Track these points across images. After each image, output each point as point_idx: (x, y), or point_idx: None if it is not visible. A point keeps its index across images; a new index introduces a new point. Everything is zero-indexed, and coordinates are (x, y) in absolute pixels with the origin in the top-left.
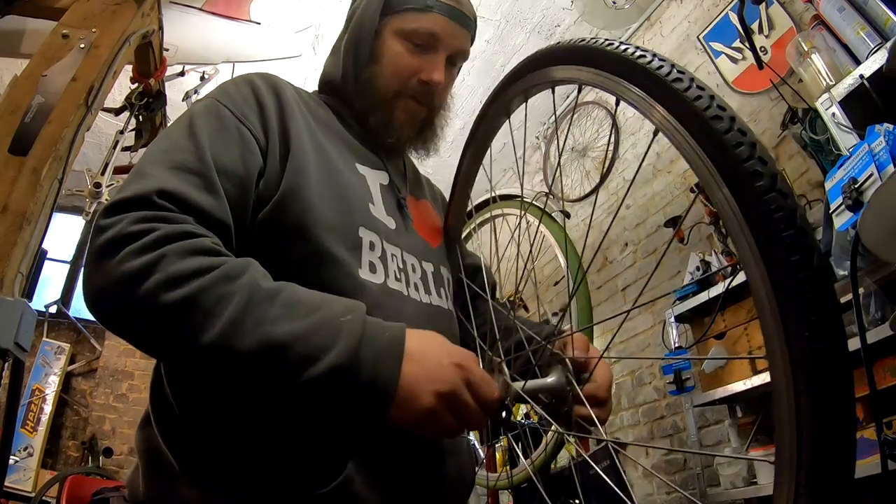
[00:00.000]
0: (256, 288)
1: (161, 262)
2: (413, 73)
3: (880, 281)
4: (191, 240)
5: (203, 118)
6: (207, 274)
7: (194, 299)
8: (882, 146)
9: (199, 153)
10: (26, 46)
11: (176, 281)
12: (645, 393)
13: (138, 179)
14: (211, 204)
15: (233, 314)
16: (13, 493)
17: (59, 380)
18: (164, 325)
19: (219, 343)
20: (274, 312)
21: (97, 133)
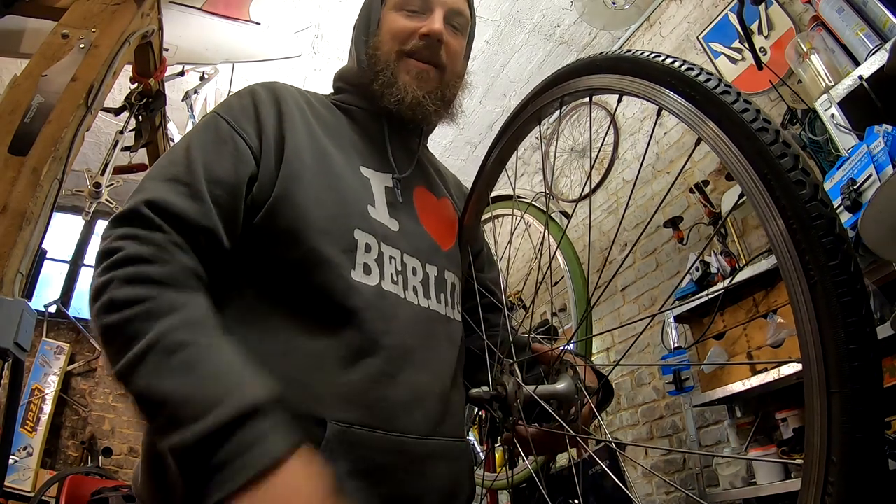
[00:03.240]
0: (167, 334)
1: (108, 287)
2: (411, 33)
3: (880, 281)
4: (138, 266)
5: (201, 132)
6: (136, 305)
7: (117, 329)
8: (881, 147)
9: (190, 165)
10: (26, 46)
11: (109, 307)
12: (644, 393)
13: (136, 194)
14: (194, 210)
15: (135, 354)
16: (12, 492)
17: (58, 379)
18: (102, 342)
19: (122, 376)
20: (167, 365)
21: (97, 133)
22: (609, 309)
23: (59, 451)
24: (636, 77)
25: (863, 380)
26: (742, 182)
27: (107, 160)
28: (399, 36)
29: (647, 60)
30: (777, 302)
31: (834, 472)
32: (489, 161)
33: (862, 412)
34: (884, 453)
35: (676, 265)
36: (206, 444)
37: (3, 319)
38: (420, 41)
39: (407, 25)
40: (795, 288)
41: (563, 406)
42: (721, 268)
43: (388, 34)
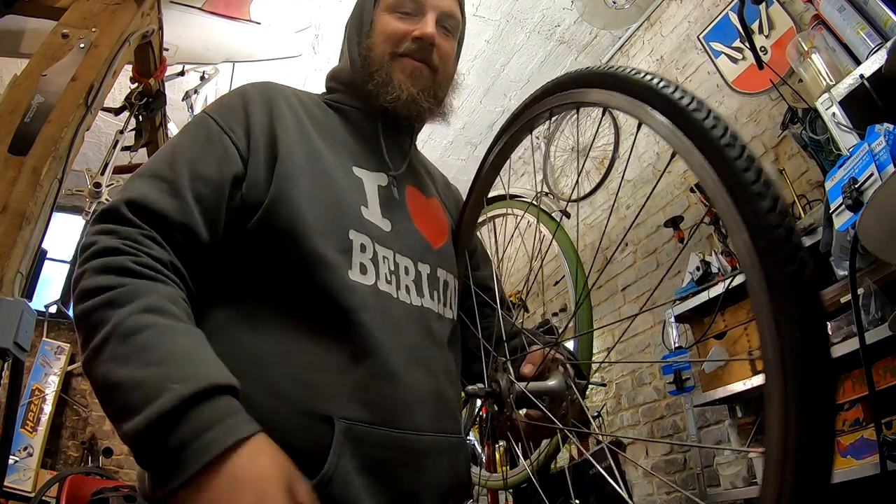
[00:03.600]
0: (124, 321)
1: (82, 278)
2: (404, 34)
3: (880, 281)
4: (109, 257)
5: (189, 132)
6: (103, 294)
7: (83, 318)
8: (882, 146)
9: (174, 162)
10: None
11: (84, 294)
12: (645, 393)
13: (121, 192)
14: (171, 206)
15: (98, 342)
16: (13, 492)
17: (58, 380)
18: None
19: (85, 368)
20: (122, 351)
21: (97, 133)
22: (609, 308)
23: (59, 452)
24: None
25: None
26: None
27: (107, 160)
28: (392, 38)
29: (630, 77)
30: None
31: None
32: (484, 167)
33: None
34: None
35: (677, 265)
36: (158, 428)
37: (3, 319)
38: (413, 44)
39: (400, 28)
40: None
41: (555, 401)
42: (721, 267)
43: (381, 36)
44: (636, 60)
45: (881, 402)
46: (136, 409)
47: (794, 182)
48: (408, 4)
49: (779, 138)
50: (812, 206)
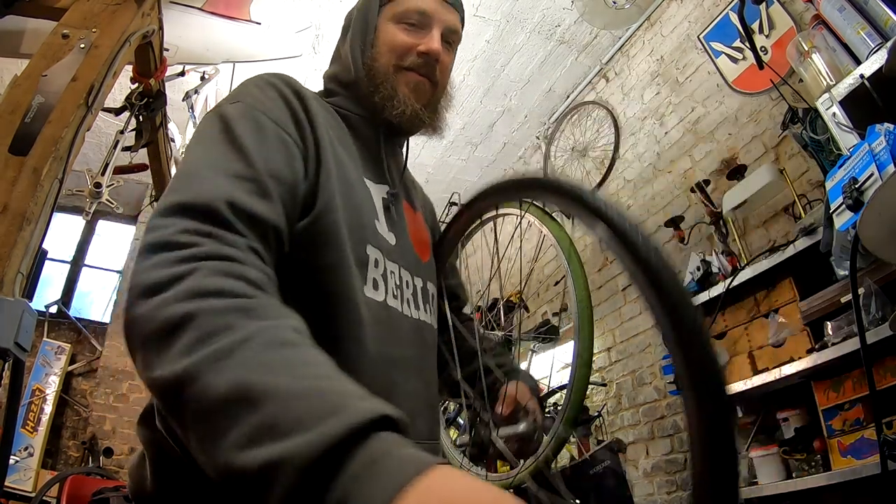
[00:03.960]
0: (269, 329)
1: (190, 276)
2: (410, 48)
3: (881, 281)
4: (228, 263)
5: (242, 123)
6: (227, 299)
7: (194, 318)
8: (882, 146)
9: (248, 158)
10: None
11: (190, 294)
12: (645, 393)
13: (194, 183)
14: (266, 210)
15: (223, 346)
16: (13, 492)
17: (59, 380)
18: (150, 341)
19: (188, 373)
20: (267, 358)
21: (97, 133)
22: (610, 308)
23: (59, 452)
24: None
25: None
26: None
27: (107, 160)
28: (398, 50)
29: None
30: (778, 301)
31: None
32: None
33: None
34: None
35: (677, 265)
36: (337, 450)
37: (4, 319)
38: (418, 58)
39: (406, 41)
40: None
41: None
42: (722, 267)
43: (387, 46)
44: (636, 60)
45: (882, 402)
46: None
47: (795, 182)
48: (414, 16)
49: (779, 138)
50: (812, 205)
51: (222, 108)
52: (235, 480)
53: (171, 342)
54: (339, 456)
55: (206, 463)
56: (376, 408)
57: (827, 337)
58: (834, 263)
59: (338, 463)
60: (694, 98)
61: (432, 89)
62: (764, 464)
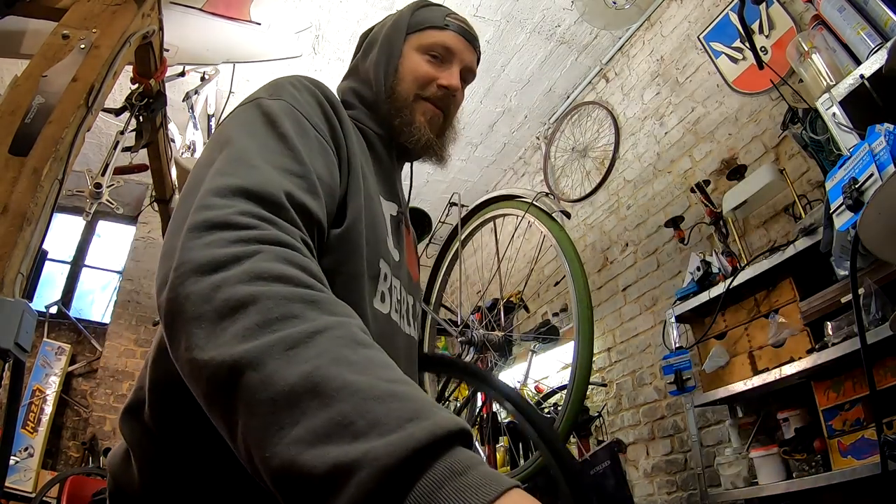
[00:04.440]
0: (341, 325)
1: (253, 257)
2: (431, 79)
3: (880, 281)
4: (291, 251)
5: (286, 121)
6: (294, 287)
7: (256, 301)
8: (882, 146)
9: (297, 156)
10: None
11: (251, 277)
12: (646, 393)
13: (251, 171)
14: (317, 207)
15: (293, 334)
16: (14, 493)
17: (59, 380)
18: (200, 320)
19: (251, 358)
20: (342, 354)
21: (97, 133)
22: (610, 308)
23: (60, 452)
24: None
25: None
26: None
27: (107, 161)
28: (420, 80)
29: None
30: (778, 302)
31: None
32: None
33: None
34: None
35: (678, 265)
36: (398, 474)
37: (4, 320)
38: (438, 90)
39: (429, 72)
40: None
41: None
42: (722, 267)
43: (411, 75)
44: (636, 61)
45: (882, 402)
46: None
47: (795, 182)
48: (439, 50)
49: (779, 138)
50: (812, 206)
51: (262, 101)
52: (295, 481)
53: (229, 324)
54: (421, 464)
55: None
56: (458, 420)
57: (827, 337)
58: (834, 263)
59: (418, 472)
60: (694, 98)
61: (444, 122)
62: (764, 464)
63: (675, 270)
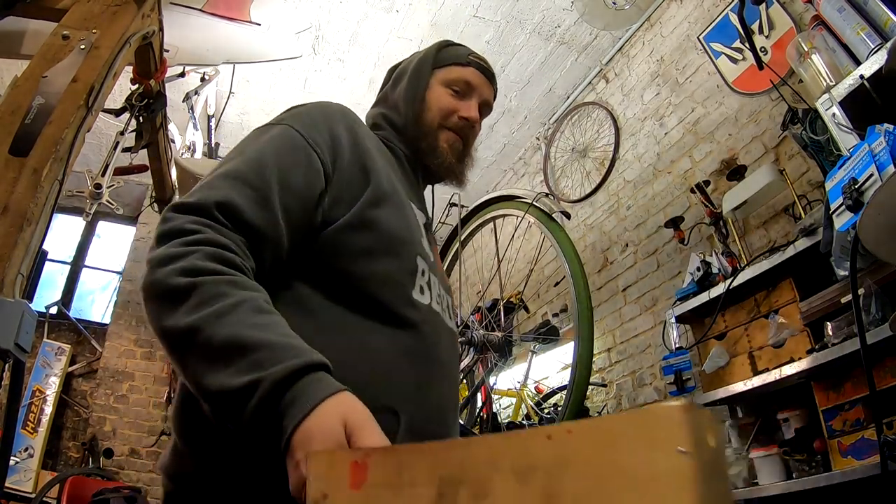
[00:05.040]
0: (252, 298)
1: (191, 255)
2: (454, 111)
3: (881, 281)
4: (223, 250)
5: (272, 140)
6: (219, 275)
7: (196, 288)
8: (882, 146)
9: (262, 170)
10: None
11: (191, 271)
12: (646, 393)
13: (206, 189)
14: (261, 218)
15: (221, 307)
16: (14, 493)
17: (59, 381)
18: (163, 300)
19: (197, 326)
20: (259, 320)
21: (97, 134)
22: (610, 309)
23: (60, 453)
24: None
25: None
26: None
27: (107, 161)
28: (444, 112)
29: None
30: (778, 302)
31: None
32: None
33: None
34: None
35: (678, 265)
36: (284, 383)
37: (4, 320)
38: (459, 121)
39: (452, 104)
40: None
41: None
42: (722, 268)
43: (436, 105)
44: (636, 61)
45: (882, 403)
46: (266, 365)
47: (795, 182)
48: (461, 85)
49: (779, 138)
50: (812, 206)
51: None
52: (223, 394)
53: (179, 303)
54: (297, 377)
55: (200, 387)
56: (322, 357)
57: (827, 337)
58: (834, 264)
59: (295, 380)
60: (694, 98)
61: (464, 149)
62: (764, 464)
63: (675, 271)
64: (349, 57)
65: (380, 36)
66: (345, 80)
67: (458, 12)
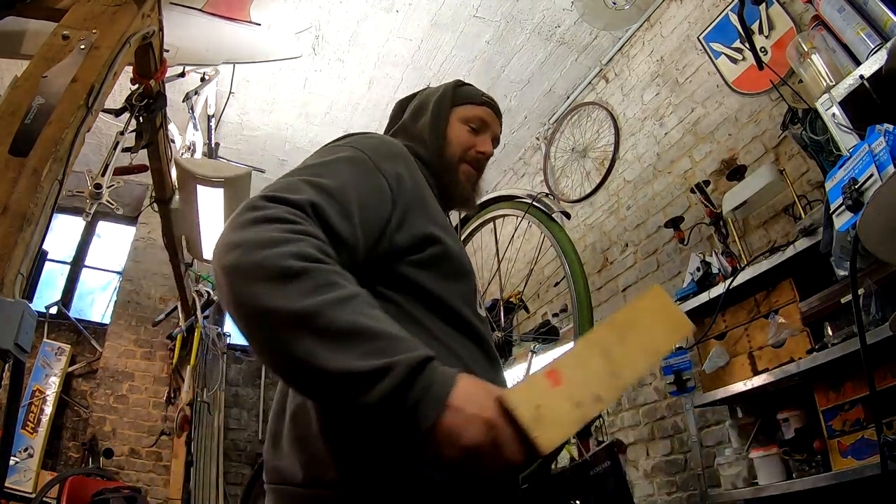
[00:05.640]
0: (363, 293)
1: (300, 241)
2: (471, 146)
3: (881, 281)
4: (325, 245)
5: (352, 161)
6: (330, 266)
7: (310, 272)
8: (882, 146)
9: (343, 187)
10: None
11: (304, 256)
12: (646, 394)
13: (292, 191)
14: (344, 227)
15: (339, 295)
16: (13, 493)
17: (59, 381)
18: (272, 280)
19: (315, 310)
20: (373, 313)
21: (97, 134)
22: (610, 309)
23: (60, 453)
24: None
25: None
26: None
27: (107, 161)
28: (464, 147)
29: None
30: (778, 302)
31: None
32: None
33: None
34: None
35: (678, 265)
36: (416, 370)
37: (4, 320)
38: (476, 155)
39: (470, 140)
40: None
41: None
42: (722, 268)
43: (456, 142)
44: (636, 61)
45: (882, 403)
46: (396, 352)
47: (795, 182)
48: (477, 122)
49: (779, 139)
50: (812, 206)
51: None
52: (347, 376)
53: (291, 285)
54: (425, 366)
55: (314, 368)
56: (430, 352)
57: (827, 337)
58: (834, 264)
59: (424, 369)
60: (694, 98)
61: (477, 180)
62: (764, 464)
63: (675, 271)
64: (349, 57)
65: (380, 36)
66: (345, 80)
67: (458, 12)
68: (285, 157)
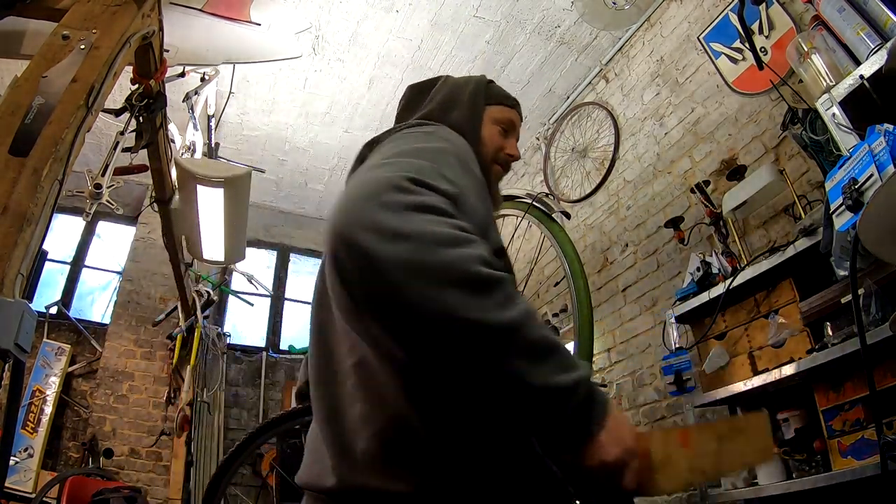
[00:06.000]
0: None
1: (478, 244)
2: (502, 148)
3: (881, 281)
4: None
5: (455, 155)
6: (503, 272)
7: (500, 283)
8: (882, 146)
9: (461, 182)
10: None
11: (489, 263)
12: (646, 394)
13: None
14: (470, 226)
15: (528, 308)
16: (13, 493)
17: (59, 381)
18: (468, 288)
19: (515, 324)
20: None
21: (97, 134)
22: (610, 309)
23: (60, 453)
24: None
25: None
26: None
27: (107, 161)
28: (496, 148)
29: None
30: (778, 302)
31: None
32: None
33: None
34: None
35: (678, 265)
36: (584, 384)
37: (4, 320)
38: (506, 157)
39: (502, 143)
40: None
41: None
42: (722, 268)
43: (490, 141)
44: (636, 61)
45: (882, 403)
46: (574, 368)
47: (795, 182)
48: (507, 124)
49: (779, 139)
50: (812, 206)
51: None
52: (552, 390)
53: (487, 296)
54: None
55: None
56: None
57: (827, 337)
58: (834, 264)
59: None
60: (694, 99)
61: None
62: (764, 464)
63: (674, 271)
64: (349, 57)
65: (380, 36)
66: (345, 80)
67: (458, 12)
68: (285, 157)
